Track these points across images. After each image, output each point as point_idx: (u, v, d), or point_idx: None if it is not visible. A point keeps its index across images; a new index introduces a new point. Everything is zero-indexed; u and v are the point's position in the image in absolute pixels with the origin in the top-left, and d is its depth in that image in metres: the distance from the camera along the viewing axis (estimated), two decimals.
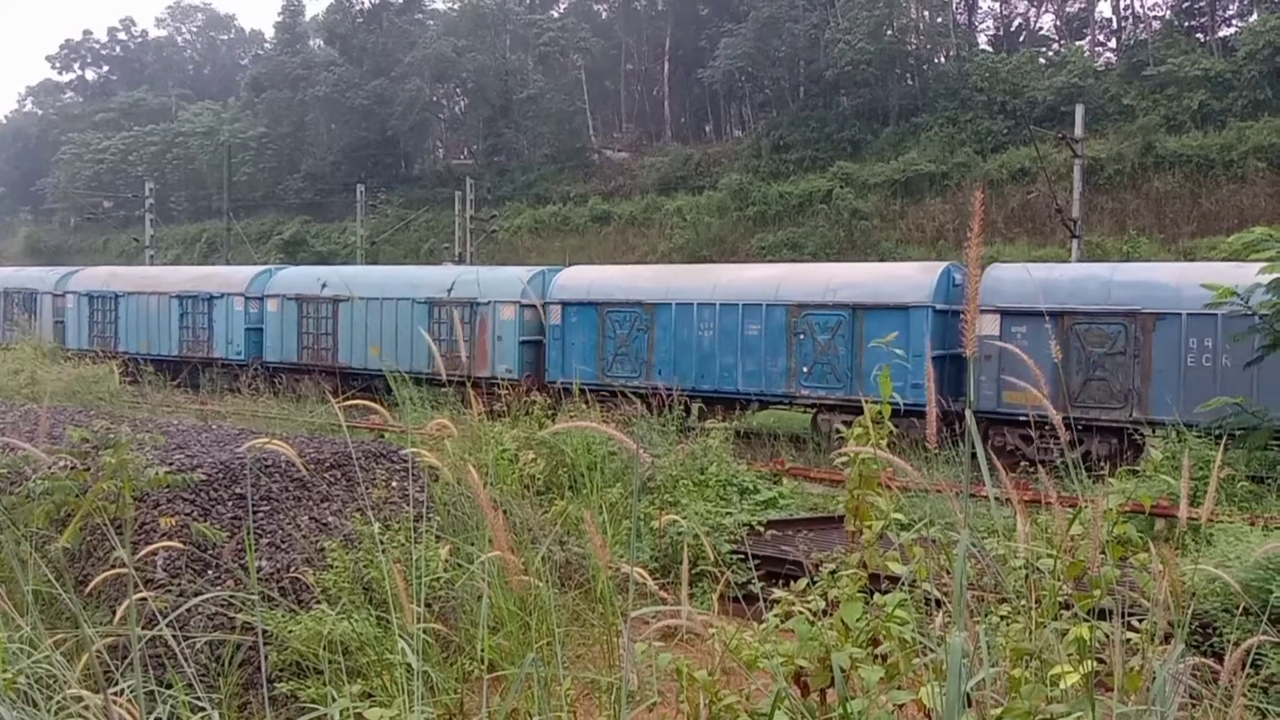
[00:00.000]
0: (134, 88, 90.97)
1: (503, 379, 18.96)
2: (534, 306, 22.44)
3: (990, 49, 56.08)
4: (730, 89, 59.60)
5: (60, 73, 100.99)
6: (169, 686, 3.52)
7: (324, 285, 26.20)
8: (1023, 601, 3.31)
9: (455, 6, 72.20)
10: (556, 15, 70.60)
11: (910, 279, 18.95)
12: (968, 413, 2.38)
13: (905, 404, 17.88)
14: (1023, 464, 14.56)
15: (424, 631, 3.17)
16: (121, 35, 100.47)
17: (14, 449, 5.49)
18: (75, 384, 17.09)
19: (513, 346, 22.57)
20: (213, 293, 28.21)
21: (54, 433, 6.82)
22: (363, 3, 72.23)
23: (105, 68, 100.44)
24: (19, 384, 15.85)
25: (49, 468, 5.26)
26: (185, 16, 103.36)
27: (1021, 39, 58.14)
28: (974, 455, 2.44)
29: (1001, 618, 3.42)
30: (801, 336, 19.13)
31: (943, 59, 55.41)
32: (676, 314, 20.47)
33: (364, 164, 64.55)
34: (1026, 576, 3.34)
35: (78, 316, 31.21)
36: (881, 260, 35.41)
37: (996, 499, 3.11)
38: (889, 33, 51.88)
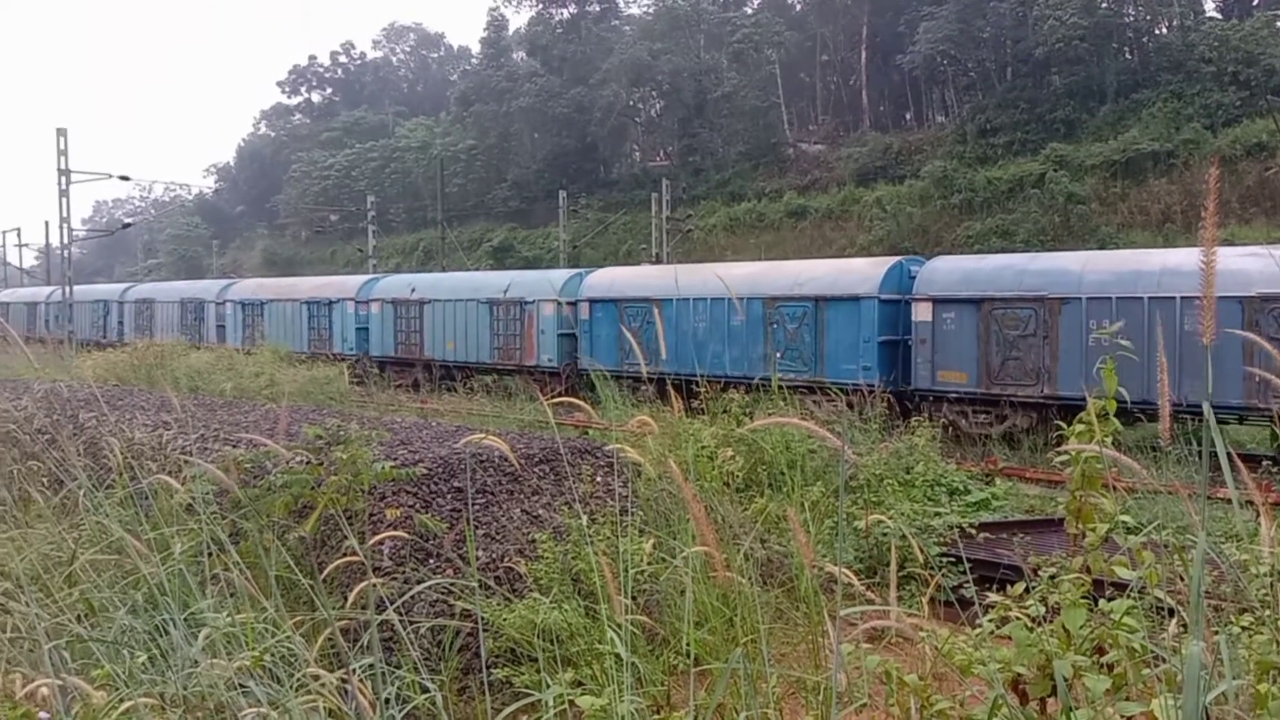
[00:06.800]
0: (354, 107, 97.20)
1: (545, 368, 25.12)
2: (572, 304, 25.18)
3: (1219, 15, 51.75)
4: (931, 73, 57.66)
5: (289, 96, 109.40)
6: (396, 668, 3.74)
7: (413, 290, 29.80)
8: (1268, 611, 3.06)
9: (650, 10, 73.17)
10: (750, 12, 70.32)
11: (862, 273, 20.55)
12: (1205, 405, 2.19)
13: (854, 384, 17.89)
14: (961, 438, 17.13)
15: (630, 623, 3.23)
16: (342, 58, 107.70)
17: (257, 445, 5.97)
18: (309, 385, 18.46)
19: (553, 339, 25.30)
20: (331, 298, 32.20)
21: (291, 430, 7.36)
22: (562, 13, 74.30)
23: (329, 90, 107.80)
24: (259, 385, 17.29)
25: (287, 462, 5.67)
26: (399, 37, 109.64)
27: (1255, 3, 53.34)
28: (1214, 454, 2.26)
29: (1243, 628, 3.16)
30: (775, 326, 20.86)
31: (1164, 29, 51.57)
32: (677, 308, 22.39)
33: (565, 170, 66.39)
34: (1272, 584, 3.08)
35: (234, 321, 35.91)
36: (1101, 247, 33.42)
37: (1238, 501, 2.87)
38: (1104, 5, 48.76)
